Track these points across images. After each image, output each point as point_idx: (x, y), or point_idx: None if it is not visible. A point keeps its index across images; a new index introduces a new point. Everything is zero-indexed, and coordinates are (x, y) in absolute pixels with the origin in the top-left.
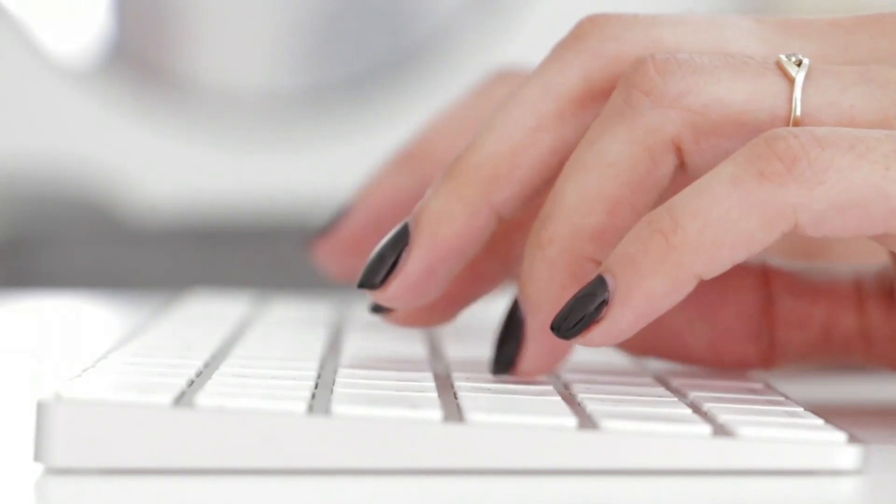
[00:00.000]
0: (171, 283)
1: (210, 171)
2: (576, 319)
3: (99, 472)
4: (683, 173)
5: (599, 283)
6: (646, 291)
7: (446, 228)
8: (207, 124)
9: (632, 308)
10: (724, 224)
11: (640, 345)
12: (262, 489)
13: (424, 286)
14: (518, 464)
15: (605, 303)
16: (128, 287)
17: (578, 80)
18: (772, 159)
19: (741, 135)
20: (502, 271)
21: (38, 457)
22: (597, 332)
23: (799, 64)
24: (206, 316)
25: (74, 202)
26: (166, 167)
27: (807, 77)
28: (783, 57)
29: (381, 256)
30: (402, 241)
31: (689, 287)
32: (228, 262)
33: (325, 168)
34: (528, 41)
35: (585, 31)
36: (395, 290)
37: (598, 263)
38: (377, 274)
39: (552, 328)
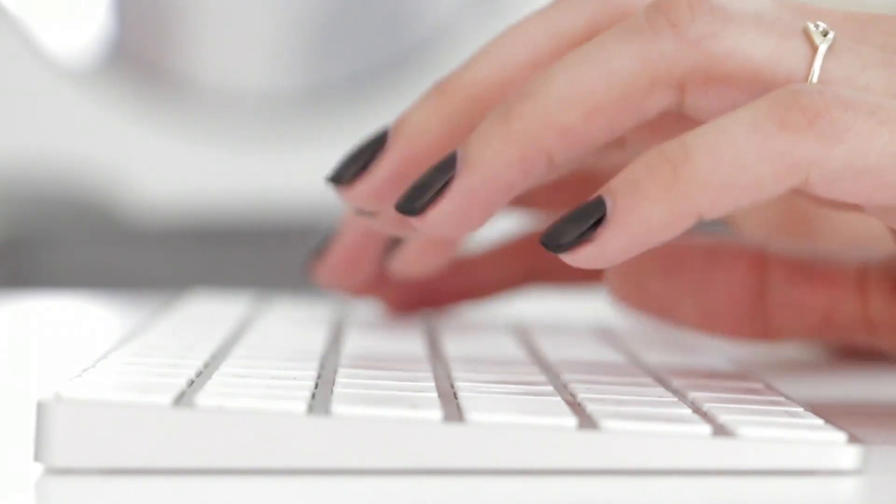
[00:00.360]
0: (171, 283)
1: (210, 171)
2: (567, 235)
3: (99, 472)
4: (678, 112)
5: (597, 202)
6: (643, 217)
7: (422, 138)
8: (207, 124)
9: (626, 232)
10: (737, 166)
11: (633, 301)
12: (262, 489)
13: (390, 190)
14: (518, 464)
15: (599, 223)
16: (128, 287)
17: (582, 24)
18: (794, 110)
19: (753, 89)
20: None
21: (38, 457)
22: (586, 250)
23: (825, 35)
24: (206, 316)
25: (74, 202)
26: (166, 167)
27: (829, 49)
28: (811, 25)
29: (355, 156)
30: (378, 144)
31: (687, 223)
32: (228, 262)
33: (325, 168)
34: None
35: None
36: (361, 189)
37: (550, 160)
38: (347, 171)
39: (541, 241)
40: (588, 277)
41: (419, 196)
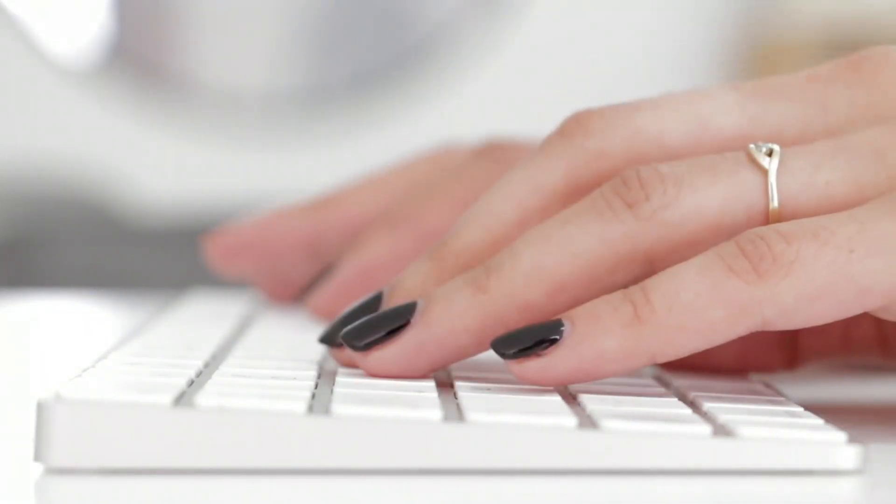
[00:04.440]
0: (171, 283)
1: (210, 171)
2: (517, 345)
3: (99, 472)
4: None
5: (555, 323)
6: (597, 346)
7: None
8: (207, 124)
9: (577, 356)
10: (691, 310)
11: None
12: (262, 489)
13: None
14: (518, 464)
15: (552, 343)
16: (128, 287)
17: (563, 176)
18: (739, 257)
19: (717, 239)
20: None
21: (38, 457)
22: (532, 365)
23: (770, 154)
24: (206, 316)
25: (74, 202)
26: (166, 167)
27: (780, 165)
28: (753, 147)
29: (347, 318)
30: (372, 308)
31: (638, 363)
32: None
33: (325, 168)
34: (527, 41)
35: (570, 128)
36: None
37: (506, 329)
38: (337, 335)
39: (492, 344)
40: None
41: (368, 334)
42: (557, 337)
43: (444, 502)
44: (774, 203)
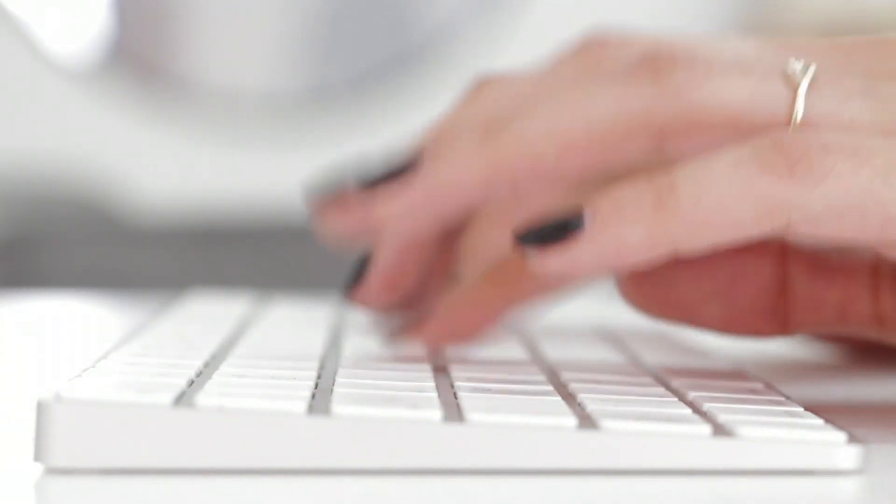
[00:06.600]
0: (171, 283)
1: (210, 171)
2: (541, 235)
3: (99, 472)
4: (658, 160)
5: (576, 211)
6: (619, 236)
7: (459, 178)
8: (207, 124)
9: (598, 246)
10: (718, 203)
11: (653, 308)
12: (262, 489)
13: (421, 209)
14: (518, 464)
15: (575, 231)
16: (128, 287)
17: (643, 120)
18: (777, 153)
19: (734, 135)
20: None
21: (38, 457)
22: (555, 255)
23: (805, 71)
24: (206, 316)
25: (74, 202)
26: (166, 167)
27: (811, 85)
28: (792, 62)
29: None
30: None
31: (660, 252)
32: (228, 262)
33: (324, 168)
34: (527, 41)
35: (662, 66)
36: (370, 288)
37: (514, 185)
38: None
39: (514, 234)
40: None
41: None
42: (579, 226)
43: (444, 502)
44: (798, 119)
